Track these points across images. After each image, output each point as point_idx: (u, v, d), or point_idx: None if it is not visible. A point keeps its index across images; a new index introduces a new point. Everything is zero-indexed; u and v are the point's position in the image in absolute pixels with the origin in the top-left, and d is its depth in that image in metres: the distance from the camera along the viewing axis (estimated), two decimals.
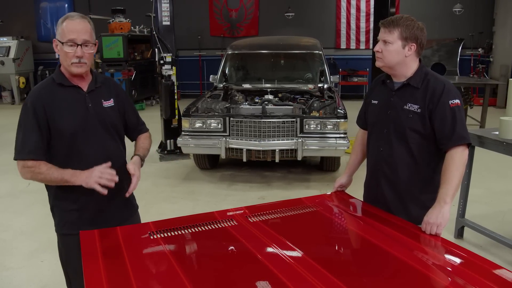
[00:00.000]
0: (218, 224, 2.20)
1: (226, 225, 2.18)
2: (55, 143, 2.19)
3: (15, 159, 2.16)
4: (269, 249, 1.93)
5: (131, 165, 2.28)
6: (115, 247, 1.99)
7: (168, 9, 7.15)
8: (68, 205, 2.25)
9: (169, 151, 7.39)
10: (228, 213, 2.34)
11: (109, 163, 2.18)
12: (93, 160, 2.21)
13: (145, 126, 2.56)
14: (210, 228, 2.17)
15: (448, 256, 1.98)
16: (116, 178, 2.16)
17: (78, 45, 2.13)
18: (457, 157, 2.15)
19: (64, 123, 2.17)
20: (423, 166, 2.30)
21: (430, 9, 12.71)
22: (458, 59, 12.39)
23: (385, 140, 2.35)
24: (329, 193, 2.64)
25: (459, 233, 4.23)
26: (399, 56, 2.24)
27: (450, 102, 2.18)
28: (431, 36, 12.43)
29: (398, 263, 1.85)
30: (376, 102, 2.44)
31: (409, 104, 2.26)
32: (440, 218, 2.09)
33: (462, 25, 12.55)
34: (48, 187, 2.23)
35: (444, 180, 2.15)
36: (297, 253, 1.90)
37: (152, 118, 10.67)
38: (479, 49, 12.40)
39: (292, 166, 6.54)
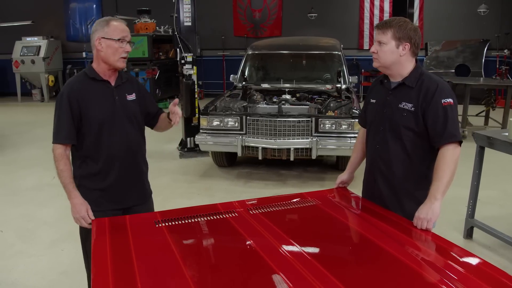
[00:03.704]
0: (220, 215, 2.33)
1: (227, 216, 2.32)
2: (86, 131, 2.47)
3: (53, 142, 2.45)
4: (264, 240, 2.04)
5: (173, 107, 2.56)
6: (122, 233, 2.15)
7: (190, 10, 7.33)
8: (92, 185, 2.52)
9: (189, 149, 7.57)
10: (230, 205, 2.47)
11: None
12: (118, 146, 2.52)
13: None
14: (212, 218, 2.30)
15: (436, 250, 2.06)
16: (88, 222, 2.41)
17: (127, 42, 2.45)
18: (448, 154, 2.23)
19: (95, 113, 2.46)
20: (417, 163, 2.38)
21: (455, 10, 12.58)
22: (483, 60, 12.23)
23: (382, 137, 2.44)
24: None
25: (468, 233, 4.25)
26: (393, 56, 2.32)
27: (443, 101, 2.26)
28: (456, 37, 12.43)
29: (389, 257, 1.93)
30: (374, 101, 2.54)
31: (404, 103, 2.34)
32: (431, 213, 2.18)
33: (487, 25, 12.37)
34: (75, 167, 2.51)
35: (436, 177, 2.23)
36: (291, 244, 2.00)
37: None
38: (505, 50, 12.19)
39: (308, 165, 6.63)
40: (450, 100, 2.27)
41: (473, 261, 1.86)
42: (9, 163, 7.15)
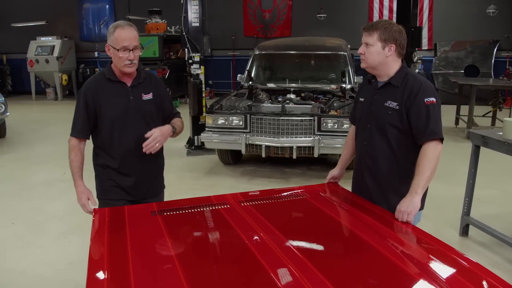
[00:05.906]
0: (213, 207, 2.46)
1: (219, 208, 2.45)
2: (101, 127, 2.70)
3: (70, 134, 2.72)
4: (252, 230, 2.16)
5: (153, 130, 2.67)
6: (120, 222, 2.29)
7: (198, 11, 7.48)
8: (106, 175, 2.74)
9: (196, 147, 7.73)
10: (223, 198, 2.59)
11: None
12: (129, 145, 2.70)
13: (179, 114, 2.99)
14: (205, 209, 2.44)
15: (415, 242, 2.17)
16: (88, 209, 2.63)
17: (130, 50, 2.56)
18: (429, 151, 2.33)
19: (107, 111, 2.66)
20: (402, 160, 2.49)
21: (464, 10, 12.58)
22: (493, 61, 12.22)
23: (369, 134, 2.56)
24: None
25: (464, 231, 4.32)
26: (379, 57, 2.43)
27: (426, 100, 2.36)
28: (465, 38, 12.41)
29: (370, 249, 2.02)
30: (362, 99, 2.65)
31: (389, 102, 2.45)
32: (411, 207, 2.28)
33: (498, 26, 12.35)
34: (94, 155, 2.79)
35: (417, 172, 2.34)
36: (276, 235, 2.10)
37: (183, 115, 11.07)
38: None
39: (312, 163, 6.74)
40: (433, 99, 2.37)
41: (449, 252, 1.96)
42: (22, 159, 7.37)
